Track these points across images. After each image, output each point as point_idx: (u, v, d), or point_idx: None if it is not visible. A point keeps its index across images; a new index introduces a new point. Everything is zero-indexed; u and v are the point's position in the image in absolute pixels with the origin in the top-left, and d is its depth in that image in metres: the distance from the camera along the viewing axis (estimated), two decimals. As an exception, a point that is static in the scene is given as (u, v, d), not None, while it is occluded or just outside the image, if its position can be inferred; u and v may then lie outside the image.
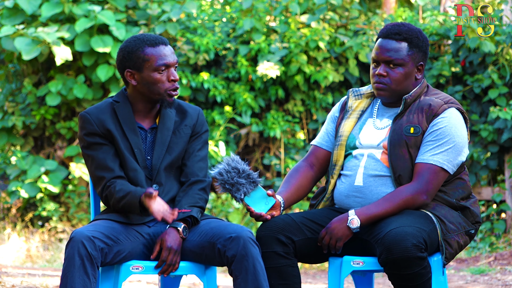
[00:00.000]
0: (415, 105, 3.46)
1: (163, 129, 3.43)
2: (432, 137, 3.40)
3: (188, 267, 3.33)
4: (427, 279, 3.26)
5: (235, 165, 3.34)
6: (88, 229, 3.19)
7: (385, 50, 3.45)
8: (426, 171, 3.37)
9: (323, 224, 3.45)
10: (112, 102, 3.43)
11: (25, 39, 8.24)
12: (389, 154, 3.42)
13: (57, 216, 8.60)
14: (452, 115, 3.44)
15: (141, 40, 3.37)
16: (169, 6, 8.74)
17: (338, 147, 3.54)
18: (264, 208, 3.38)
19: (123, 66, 3.39)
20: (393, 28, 3.47)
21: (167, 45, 3.40)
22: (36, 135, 9.09)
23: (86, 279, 3.12)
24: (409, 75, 3.46)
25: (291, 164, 8.63)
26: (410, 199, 3.36)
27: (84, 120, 3.39)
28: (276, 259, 3.36)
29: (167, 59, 3.37)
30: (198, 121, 3.50)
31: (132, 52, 3.36)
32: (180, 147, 3.45)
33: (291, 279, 3.37)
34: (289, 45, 8.65)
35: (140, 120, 3.44)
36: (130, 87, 3.42)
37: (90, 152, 3.38)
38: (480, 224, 3.52)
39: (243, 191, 3.34)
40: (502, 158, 8.16)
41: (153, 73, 3.36)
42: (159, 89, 3.37)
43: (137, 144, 3.40)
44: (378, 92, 3.49)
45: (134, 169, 3.38)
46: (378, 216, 3.34)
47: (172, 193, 3.43)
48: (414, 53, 3.46)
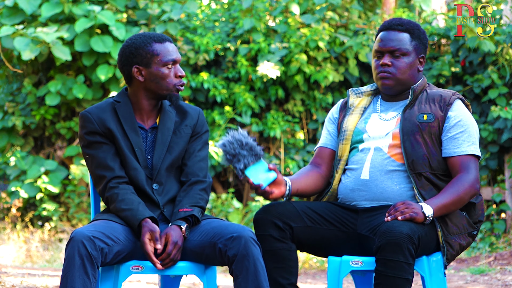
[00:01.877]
0: (423, 97, 3.51)
1: (164, 129, 3.44)
2: (459, 129, 3.44)
3: (188, 267, 3.33)
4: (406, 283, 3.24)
5: (239, 138, 3.34)
6: (88, 229, 3.19)
7: (390, 40, 3.51)
8: (470, 162, 3.42)
9: (324, 216, 3.46)
10: (113, 102, 3.44)
11: (24, 39, 8.24)
12: (402, 141, 3.43)
13: (57, 216, 8.60)
14: (462, 106, 3.50)
15: (148, 36, 3.40)
16: (169, 6, 8.74)
17: (343, 141, 3.55)
18: (265, 181, 3.36)
19: (130, 62, 3.39)
20: (394, 20, 3.55)
21: (172, 42, 3.44)
22: (36, 135, 9.09)
23: (86, 279, 3.12)
24: (412, 66, 3.52)
25: (291, 164, 8.63)
26: (469, 190, 3.39)
27: (84, 119, 3.39)
28: (271, 242, 3.36)
29: (174, 55, 3.40)
30: (199, 121, 3.51)
31: (140, 47, 3.38)
32: (180, 147, 3.45)
33: (286, 263, 3.38)
34: (289, 45, 8.66)
35: (141, 120, 3.45)
36: (135, 85, 3.42)
37: (90, 151, 3.39)
38: (482, 223, 3.53)
39: (243, 162, 3.32)
40: (502, 158, 8.16)
41: (162, 68, 3.38)
42: (168, 84, 3.39)
43: (138, 144, 3.40)
44: (382, 82, 3.52)
45: (134, 168, 3.39)
46: (446, 206, 3.34)
47: (172, 192, 3.44)
48: (417, 44, 3.53)
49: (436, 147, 3.44)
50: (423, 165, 3.41)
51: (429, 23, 8.99)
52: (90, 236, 3.14)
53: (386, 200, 3.45)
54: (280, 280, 3.38)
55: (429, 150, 3.43)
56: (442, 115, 3.45)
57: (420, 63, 3.55)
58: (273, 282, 3.37)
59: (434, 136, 3.44)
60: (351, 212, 3.50)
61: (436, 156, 3.43)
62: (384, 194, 3.45)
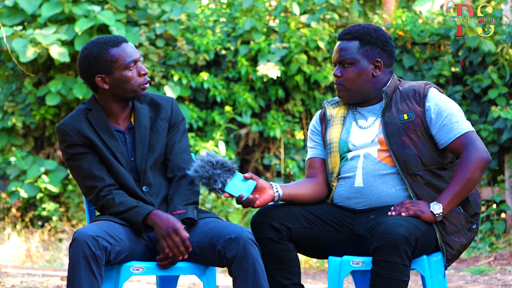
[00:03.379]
0: (397, 96, 3.48)
1: (140, 128, 3.41)
2: (443, 115, 3.41)
3: (188, 267, 3.33)
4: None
5: (208, 159, 3.32)
6: (90, 229, 3.18)
7: (337, 51, 3.52)
8: (466, 139, 3.39)
9: (321, 217, 3.46)
10: (85, 110, 3.40)
11: (23, 40, 8.24)
12: (390, 145, 3.41)
13: (57, 216, 8.60)
14: (436, 92, 3.48)
15: (103, 43, 3.34)
16: (169, 6, 8.74)
17: (332, 154, 3.53)
18: (246, 191, 3.34)
19: (92, 73, 3.35)
20: (345, 29, 3.53)
21: (127, 42, 3.38)
22: (36, 135, 9.09)
23: (92, 278, 3.11)
24: (363, 73, 3.49)
25: (291, 164, 8.63)
26: (476, 166, 3.36)
27: (62, 133, 3.36)
28: (269, 245, 3.36)
29: (133, 55, 3.35)
30: (173, 112, 3.48)
31: (97, 56, 3.33)
32: (160, 143, 3.43)
33: (287, 264, 3.38)
34: (289, 45, 8.65)
35: (115, 123, 3.41)
36: (101, 92, 3.38)
37: (74, 163, 3.36)
38: (479, 216, 3.52)
39: (220, 181, 3.30)
40: (502, 158, 8.16)
41: (124, 72, 3.33)
42: (133, 86, 3.35)
43: (119, 148, 3.37)
44: (338, 94, 3.55)
45: (121, 173, 3.36)
46: (456, 196, 3.34)
47: (163, 192, 3.42)
48: (367, 50, 3.48)
49: (424, 142, 3.42)
50: (416, 165, 3.40)
51: (428, 23, 8.98)
52: (93, 236, 3.14)
53: (383, 204, 3.45)
54: (283, 281, 3.38)
55: (418, 148, 3.41)
56: (421, 110, 3.44)
57: (377, 67, 3.50)
58: (277, 284, 3.37)
59: (420, 133, 3.42)
60: (349, 212, 3.49)
61: (427, 152, 3.42)
62: (381, 199, 3.44)
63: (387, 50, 3.51)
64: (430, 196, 3.39)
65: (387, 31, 8.85)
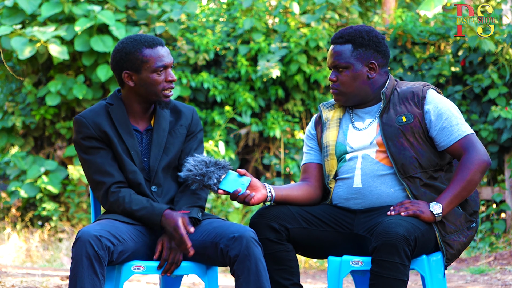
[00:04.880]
0: (395, 97, 3.48)
1: (159, 130, 3.42)
2: (443, 118, 3.41)
3: (189, 267, 3.33)
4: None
5: (201, 159, 3.33)
6: (94, 228, 3.18)
7: (331, 56, 3.52)
8: (466, 142, 3.40)
9: (320, 217, 3.46)
10: (106, 104, 3.41)
11: (22, 39, 8.23)
12: (387, 147, 3.41)
13: (57, 216, 8.60)
14: (435, 94, 3.47)
15: (138, 41, 3.35)
16: (169, 6, 8.74)
17: (328, 157, 3.53)
18: (242, 186, 3.34)
19: (121, 68, 3.37)
20: (338, 33, 3.52)
21: (164, 45, 3.39)
22: (36, 135, 9.09)
23: (95, 278, 3.12)
24: (358, 77, 3.48)
25: (290, 164, 8.63)
26: (476, 168, 3.36)
27: (80, 124, 3.36)
28: (269, 246, 3.36)
29: (165, 60, 3.36)
30: (193, 120, 3.50)
31: (130, 53, 3.34)
32: (176, 147, 3.44)
33: (286, 264, 3.39)
34: (289, 45, 8.65)
35: (135, 122, 3.42)
36: (126, 89, 3.40)
37: (87, 156, 3.36)
38: (478, 214, 3.52)
39: (215, 177, 3.31)
40: (502, 158, 8.16)
41: (152, 74, 3.35)
42: (156, 90, 3.36)
43: (134, 146, 3.38)
44: (334, 98, 3.55)
45: (133, 171, 3.37)
46: (456, 197, 3.35)
47: (171, 193, 3.43)
48: (360, 53, 3.48)
49: (422, 145, 3.43)
50: (413, 167, 3.40)
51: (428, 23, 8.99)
52: (97, 236, 3.14)
53: (382, 204, 3.45)
54: (282, 281, 3.38)
55: (416, 151, 3.41)
56: (419, 112, 3.44)
57: (371, 69, 3.49)
58: (276, 284, 3.37)
59: (418, 135, 3.43)
60: (348, 212, 3.50)
61: (425, 155, 3.42)
62: (380, 200, 3.45)
63: (380, 51, 3.50)
64: (428, 196, 3.40)
65: (387, 31, 8.86)
